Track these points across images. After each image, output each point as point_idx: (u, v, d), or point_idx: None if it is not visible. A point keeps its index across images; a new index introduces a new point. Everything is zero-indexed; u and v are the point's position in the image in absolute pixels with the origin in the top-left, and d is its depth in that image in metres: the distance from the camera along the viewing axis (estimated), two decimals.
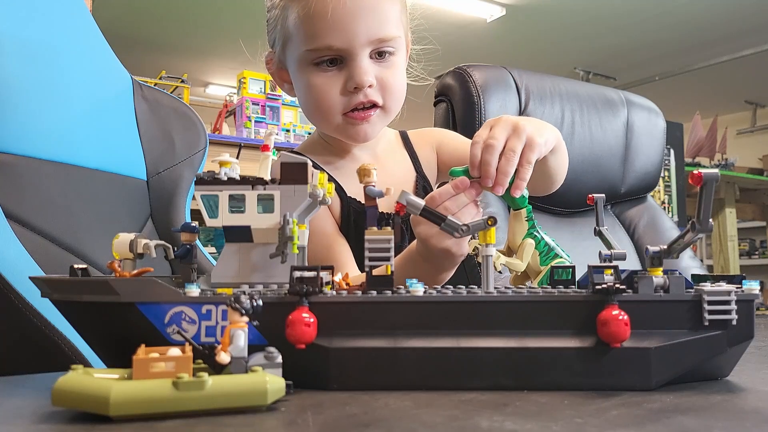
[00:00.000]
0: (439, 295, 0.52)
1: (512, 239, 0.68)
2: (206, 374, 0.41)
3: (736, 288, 0.52)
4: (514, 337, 0.51)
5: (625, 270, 0.53)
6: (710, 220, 0.49)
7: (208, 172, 0.53)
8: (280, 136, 3.20)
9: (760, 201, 4.11)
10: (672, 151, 3.44)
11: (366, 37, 0.87)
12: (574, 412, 0.43)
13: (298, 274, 0.50)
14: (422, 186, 1.01)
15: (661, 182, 3.37)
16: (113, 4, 4.58)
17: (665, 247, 0.53)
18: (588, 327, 0.50)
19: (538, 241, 0.66)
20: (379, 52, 0.90)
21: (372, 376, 0.50)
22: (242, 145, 2.91)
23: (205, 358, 0.44)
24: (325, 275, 0.53)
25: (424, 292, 0.52)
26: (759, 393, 0.50)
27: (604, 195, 0.67)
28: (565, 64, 6.00)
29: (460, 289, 0.54)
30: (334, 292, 0.52)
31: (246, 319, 0.45)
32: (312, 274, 0.50)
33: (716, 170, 0.50)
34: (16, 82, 0.88)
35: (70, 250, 0.90)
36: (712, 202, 0.48)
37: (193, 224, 0.56)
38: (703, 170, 0.48)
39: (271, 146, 0.57)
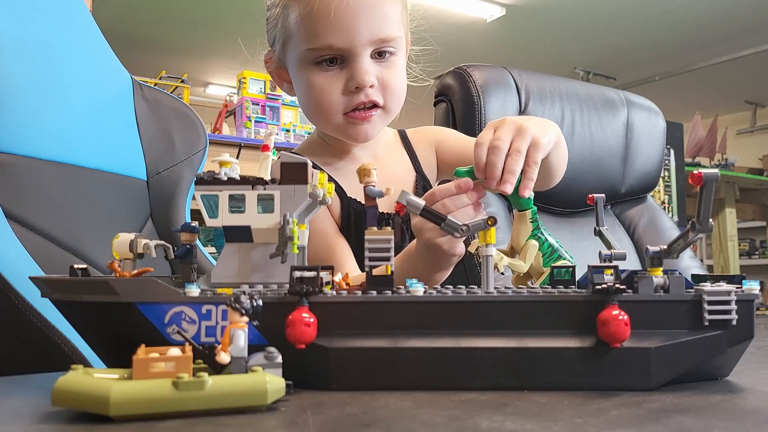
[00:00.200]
0: (439, 295, 0.52)
1: (516, 240, 0.68)
2: (206, 374, 0.41)
3: (736, 288, 0.52)
4: (514, 337, 0.51)
5: (625, 270, 0.53)
6: (710, 220, 0.49)
7: (208, 172, 0.53)
8: (280, 136, 3.20)
9: (760, 201, 4.11)
10: (672, 151, 3.44)
11: (367, 37, 0.87)
12: (574, 412, 0.43)
13: (298, 274, 0.50)
14: (422, 185, 1.01)
15: (661, 182, 3.37)
16: (113, 4, 4.58)
17: (665, 247, 0.53)
18: (588, 327, 0.50)
19: (542, 243, 0.66)
20: (380, 52, 0.90)
21: (372, 376, 0.50)
22: (242, 145, 2.91)
23: (205, 358, 0.44)
24: (325, 275, 0.53)
25: (424, 292, 0.52)
26: (759, 393, 0.50)
27: (604, 195, 0.67)
28: (565, 64, 6.00)
29: (460, 289, 0.54)
30: (334, 292, 0.52)
31: (246, 319, 0.45)
32: (312, 274, 0.50)
33: (716, 170, 0.50)
34: (16, 82, 0.88)
35: (70, 250, 0.90)
36: (712, 202, 0.48)
37: (193, 224, 0.56)
38: (703, 170, 0.48)
39: (271, 146, 0.57)
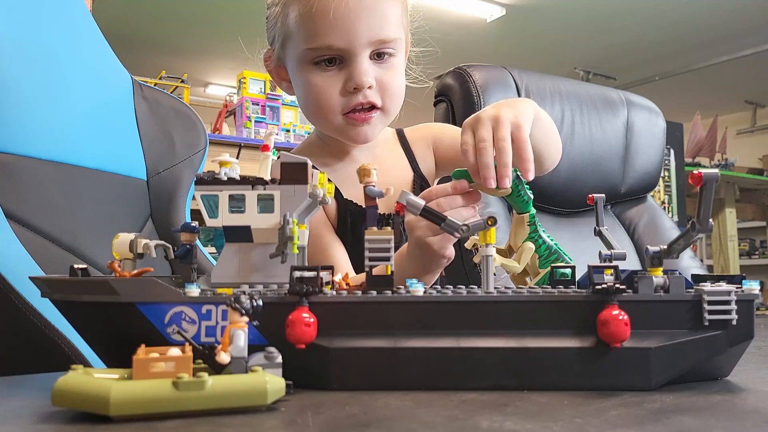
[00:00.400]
0: (439, 295, 0.52)
1: (513, 242, 0.68)
2: (206, 374, 0.41)
3: (736, 288, 0.52)
4: (514, 337, 0.51)
5: (625, 270, 0.53)
6: (710, 220, 0.49)
7: (208, 172, 0.53)
8: (280, 136, 3.20)
9: (760, 201, 4.11)
10: (672, 151, 3.44)
11: (367, 37, 0.87)
12: (574, 412, 0.43)
13: (298, 274, 0.50)
14: (420, 185, 1.01)
15: (661, 182, 3.37)
16: (113, 4, 4.58)
17: (665, 247, 0.53)
18: (588, 327, 0.50)
19: (539, 245, 0.67)
20: (379, 54, 0.90)
21: (372, 376, 0.50)
22: (242, 145, 2.91)
23: (205, 358, 0.44)
24: (325, 275, 0.53)
25: (424, 292, 0.52)
26: (759, 393, 0.50)
27: (604, 195, 0.67)
28: (565, 64, 6.00)
29: (460, 289, 0.54)
30: (334, 292, 0.52)
31: (246, 319, 0.45)
32: (312, 274, 0.50)
33: (716, 170, 0.50)
34: (16, 83, 0.88)
35: (70, 250, 0.90)
36: (712, 202, 0.48)
37: (193, 224, 0.56)
38: (703, 170, 0.48)
39: (271, 146, 0.57)
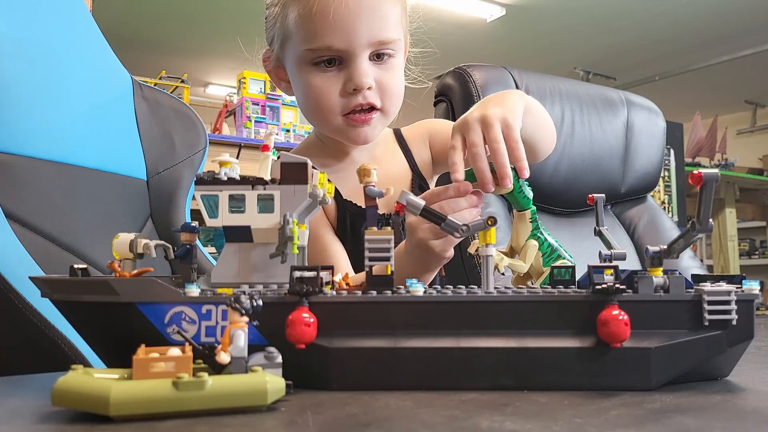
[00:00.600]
0: (439, 295, 0.52)
1: (515, 240, 0.68)
2: (206, 374, 0.41)
3: (736, 288, 0.52)
4: (514, 337, 0.51)
5: (625, 270, 0.53)
6: (710, 220, 0.49)
7: (208, 172, 0.53)
8: (280, 136, 3.20)
9: (760, 201, 4.11)
10: (672, 151, 3.44)
11: (367, 38, 0.87)
12: (574, 412, 0.43)
13: (298, 274, 0.50)
14: (418, 184, 1.01)
15: (661, 182, 3.37)
16: (113, 4, 4.58)
17: (665, 247, 0.53)
18: (588, 327, 0.50)
19: (542, 243, 0.66)
20: (378, 54, 0.90)
21: (372, 376, 0.50)
22: (242, 145, 2.91)
23: (205, 358, 0.44)
24: (325, 275, 0.53)
25: (424, 292, 0.52)
26: (759, 393, 0.50)
27: (604, 195, 0.67)
28: (565, 64, 6.00)
29: (460, 289, 0.54)
30: (334, 292, 0.52)
31: (246, 319, 0.45)
32: (312, 274, 0.50)
33: (716, 170, 0.50)
34: (16, 83, 0.88)
35: (70, 250, 0.90)
36: (712, 202, 0.48)
37: (193, 224, 0.56)
38: (703, 170, 0.48)
39: (271, 146, 0.57)
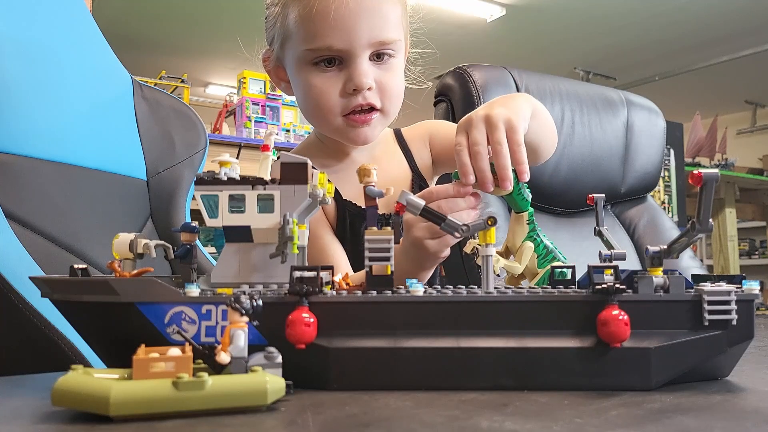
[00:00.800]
0: (439, 295, 0.52)
1: (511, 241, 0.68)
2: (206, 374, 0.41)
3: (736, 288, 0.52)
4: (514, 337, 0.51)
5: (625, 270, 0.53)
6: (710, 220, 0.49)
7: (208, 172, 0.53)
8: (280, 136, 3.20)
9: (760, 201, 4.11)
10: (672, 151, 3.44)
11: (367, 39, 0.87)
12: (574, 412, 0.43)
13: (298, 274, 0.50)
14: (418, 184, 1.01)
15: (661, 182, 3.37)
16: (113, 4, 4.58)
17: (665, 247, 0.53)
18: (588, 327, 0.50)
19: (537, 244, 0.66)
20: (379, 55, 0.89)
21: (372, 376, 0.50)
22: (242, 145, 2.91)
23: (205, 358, 0.44)
24: (325, 275, 0.53)
25: (424, 292, 0.52)
26: (759, 393, 0.50)
27: (604, 195, 0.67)
28: (565, 64, 6.00)
29: (460, 289, 0.54)
30: (334, 292, 0.52)
31: (246, 319, 0.45)
32: (312, 274, 0.50)
33: (716, 170, 0.50)
34: (16, 83, 0.88)
35: (70, 250, 0.90)
36: (712, 202, 0.48)
37: (193, 224, 0.56)
38: (703, 170, 0.48)
39: (271, 146, 0.57)
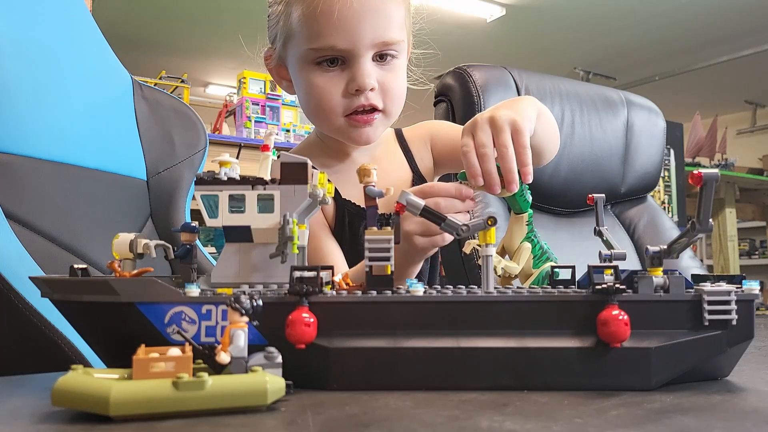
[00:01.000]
0: (439, 295, 0.52)
1: (509, 241, 0.68)
2: (206, 374, 0.41)
3: (736, 288, 0.52)
4: (514, 337, 0.51)
5: (625, 270, 0.53)
6: (710, 220, 0.49)
7: (208, 172, 0.53)
8: (280, 136, 3.20)
9: (760, 201, 4.11)
10: (672, 151, 3.44)
11: (370, 39, 0.87)
12: (574, 412, 0.43)
13: (298, 274, 0.50)
14: (418, 184, 1.01)
15: (661, 182, 3.37)
16: (113, 4, 4.58)
17: (665, 247, 0.53)
18: (588, 327, 0.50)
19: (534, 245, 0.67)
20: (382, 55, 0.89)
21: (372, 376, 0.50)
22: (242, 145, 2.91)
23: (205, 358, 0.44)
24: (325, 275, 0.53)
25: (424, 292, 0.52)
26: (759, 393, 0.50)
27: (604, 195, 0.67)
28: (565, 64, 6.00)
29: (460, 289, 0.54)
30: (334, 292, 0.52)
31: (246, 319, 0.45)
32: (312, 274, 0.50)
33: (716, 170, 0.50)
34: (16, 83, 0.88)
35: (70, 250, 0.90)
36: (712, 202, 0.48)
37: (193, 224, 0.56)
38: (703, 170, 0.48)
39: (271, 146, 0.57)
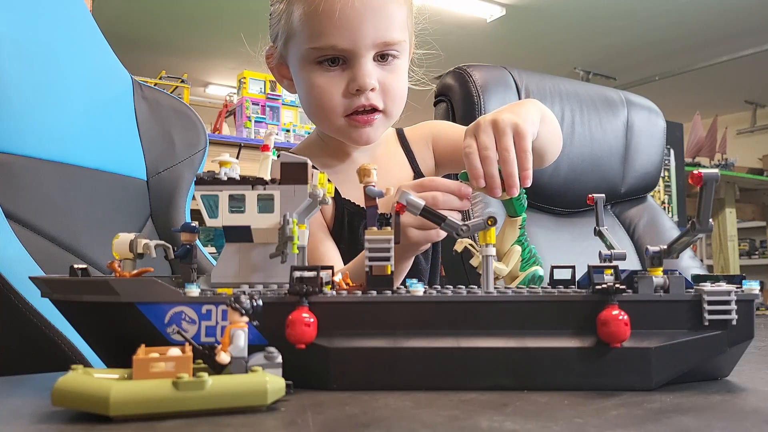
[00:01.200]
0: (439, 295, 0.52)
1: (500, 244, 0.68)
2: (206, 374, 0.41)
3: (736, 288, 0.52)
4: (514, 337, 0.51)
5: (625, 270, 0.53)
6: (710, 220, 0.49)
7: (208, 172, 0.53)
8: (280, 136, 3.20)
9: (760, 201, 4.11)
10: (672, 151, 3.44)
11: (372, 39, 0.87)
12: (574, 412, 0.43)
13: (298, 274, 0.50)
14: None
15: (661, 182, 3.37)
16: (113, 4, 4.58)
17: (665, 247, 0.53)
18: (588, 327, 0.50)
19: (524, 248, 0.67)
20: (383, 55, 0.89)
21: (372, 376, 0.50)
22: (242, 145, 2.91)
23: (205, 358, 0.44)
24: (325, 275, 0.53)
25: (424, 292, 0.52)
26: (759, 393, 0.50)
27: (604, 195, 0.67)
28: (565, 64, 6.00)
29: (460, 289, 0.54)
30: (334, 292, 0.52)
31: (246, 319, 0.45)
32: (312, 274, 0.50)
33: (716, 170, 0.50)
34: (16, 83, 0.88)
35: (70, 250, 0.90)
36: (712, 202, 0.48)
37: (193, 224, 0.56)
38: (703, 170, 0.48)
39: (271, 146, 0.57)
